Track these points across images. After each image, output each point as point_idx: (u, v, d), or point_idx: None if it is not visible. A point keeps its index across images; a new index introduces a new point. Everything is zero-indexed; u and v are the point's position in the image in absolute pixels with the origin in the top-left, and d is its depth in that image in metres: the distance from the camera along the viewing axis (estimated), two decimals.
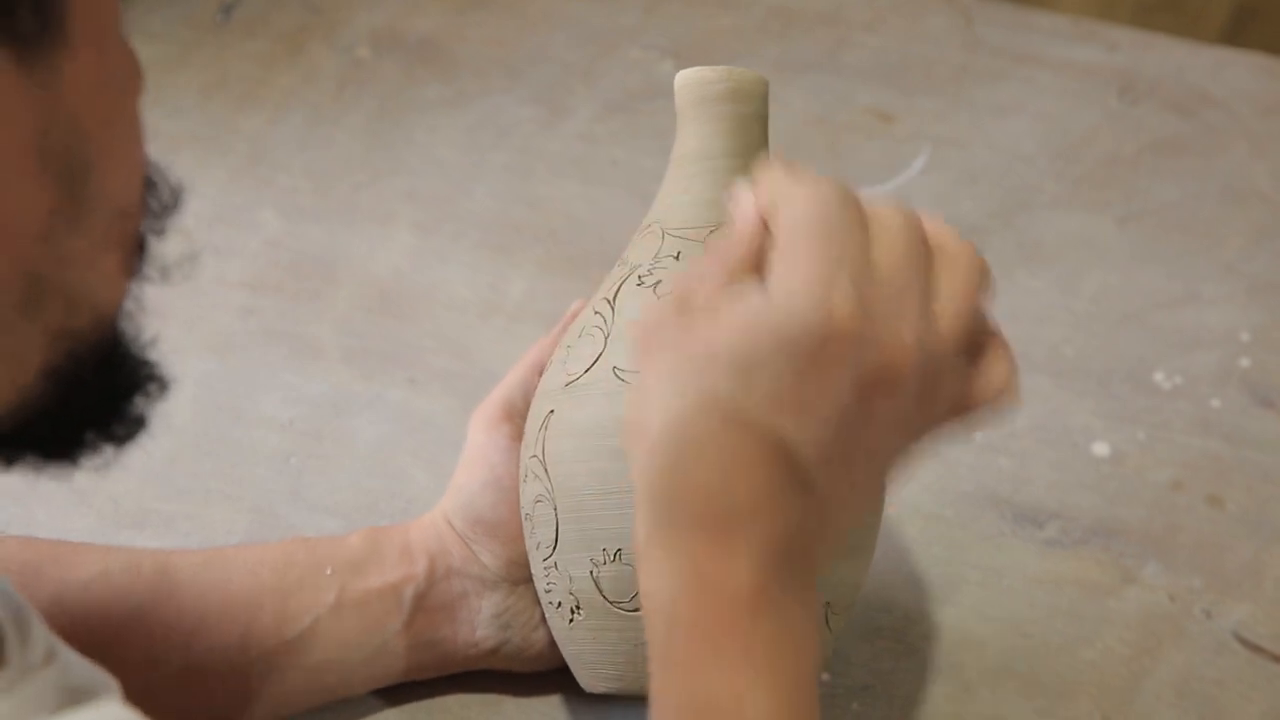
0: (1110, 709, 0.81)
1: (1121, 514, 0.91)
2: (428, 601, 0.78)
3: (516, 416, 0.80)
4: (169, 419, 0.94)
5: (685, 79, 0.75)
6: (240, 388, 0.98)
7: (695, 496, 0.57)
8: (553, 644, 0.79)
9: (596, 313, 0.74)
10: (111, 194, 0.50)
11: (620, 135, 1.16)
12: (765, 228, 0.60)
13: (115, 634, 0.73)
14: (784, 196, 0.60)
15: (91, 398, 0.51)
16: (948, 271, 0.60)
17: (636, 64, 1.22)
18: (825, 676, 0.83)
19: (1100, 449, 0.94)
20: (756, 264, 0.59)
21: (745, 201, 0.60)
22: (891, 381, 0.57)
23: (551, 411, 0.73)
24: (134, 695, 0.59)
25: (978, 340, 0.61)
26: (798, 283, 0.57)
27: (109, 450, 0.53)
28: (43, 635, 0.51)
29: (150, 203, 0.54)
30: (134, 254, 0.53)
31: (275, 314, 1.03)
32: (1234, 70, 1.22)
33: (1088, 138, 1.16)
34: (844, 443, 0.58)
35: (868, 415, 0.58)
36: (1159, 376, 0.99)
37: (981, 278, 0.61)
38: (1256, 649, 0.84)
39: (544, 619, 0.79)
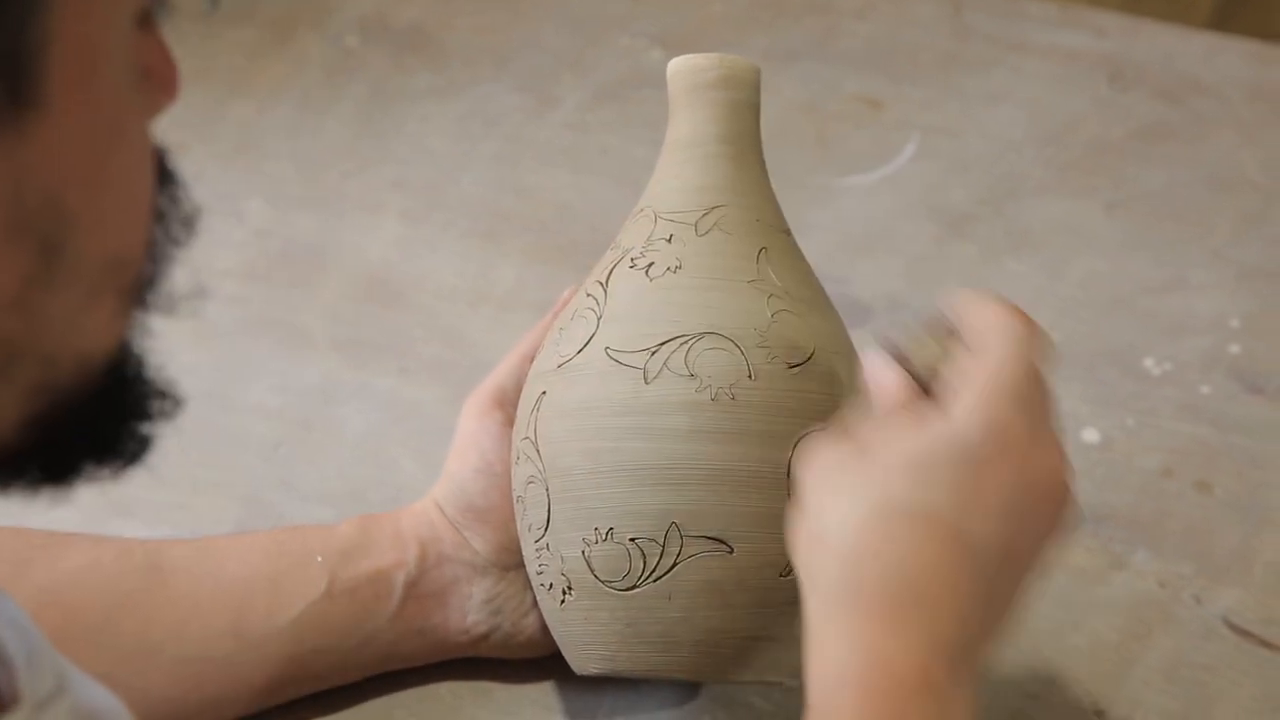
0: (1100, 695, 0.81)
1: (1111, 500, 0.91)
2: (419, 589, 0.78)
3: (508, 404, 0.80)
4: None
5: (678, 66, 0.76)
6: (229, 376, 0.98)
7: (875, 583, 0.59)
8: (543, 630, 0.79)
9: (589, 295, 0.75)
10: (101, 248, 0.47)
11: (610, 123, 1.16)
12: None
13: (106, 622, 0.73)
14: (977, 319, 0.64)
15: (86, 431, 0.49)
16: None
17: (626, 52, 1.22)
18: None
19: (1089, 435, 0.95)
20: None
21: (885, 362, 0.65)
22: (1052, 487, 0.61)
23: (544, 393, 0.74)
24: (126, 683, 0.59)
25: None
26: (979, 399, 0.61)
27: (113, 469, 0.52)
28: (51, 661, 0.51)
29: (163, 231, 0.51)
30: (133, 295, 0.50)
31: (264, 303, 1.03)
32: (1223, 56, 1.22)
33: (1076, 124, 1.17)
34: (1017, 542, 0.61)
35: (1035, 519, 0.61)
36: (1148, 363, 0.99)
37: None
38: (1245, 634, 0.84)
39: (534, 605, 0.79)
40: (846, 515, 0.60)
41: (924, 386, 0.65)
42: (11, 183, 0.43)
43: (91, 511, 0.89)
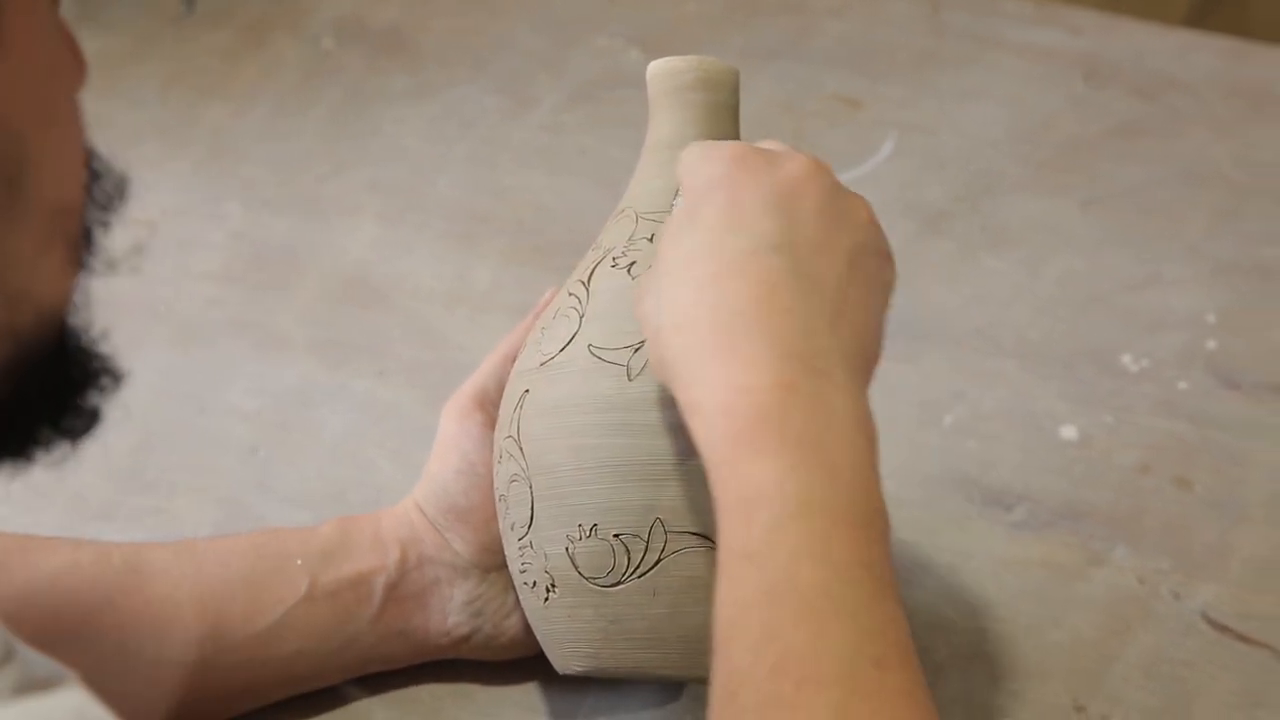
0: (1079, 691, 0.81)
1: (1089, 496, 0.91)
2: (399, 590, 0.78)
3: (489, 405, 0.80)
4: (134, 412, 0.94)
5: (657, 69, 0.77)
6: (206, 379, 0.98)
7: (708, 331, 0.62)
8: (525, 631, 0.79)
9: (571, 294, 0.75)
10: (50, 191, 0.49)
11: (586, 124, 1.16)
12: None
13: (85, 625, 0.73)
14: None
15: (42, 394, 0.50)
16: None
17: (602, 53, 1.22)
18: None
19: (1067, 432, 0.95)
20: None
21: None
22: (804, 178, 0.66)
23: (527, 391, 0.74)
24: (104, 687, 0.59)
25: None
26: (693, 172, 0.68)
27: (65, 445, 0.52)
28: None
29: (95, 195, 0.53)
30: (78, 249, 0.52)
31: (240, 305, 1.03)
32: (1198, 54, 1.22)
33: (1052, 122, 1.17)
34: (807, 233, 0.64)
35: (802, 209, 0.65)
36: (1126, 359, 0.99)
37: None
38: (1224, 629, 0.85)
39: (516, 606, 0.79)
40: (664, 297, 0.64)
41: None
42: None
43: (70, 516, 0.89)
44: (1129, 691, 0.82)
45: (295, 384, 0.97)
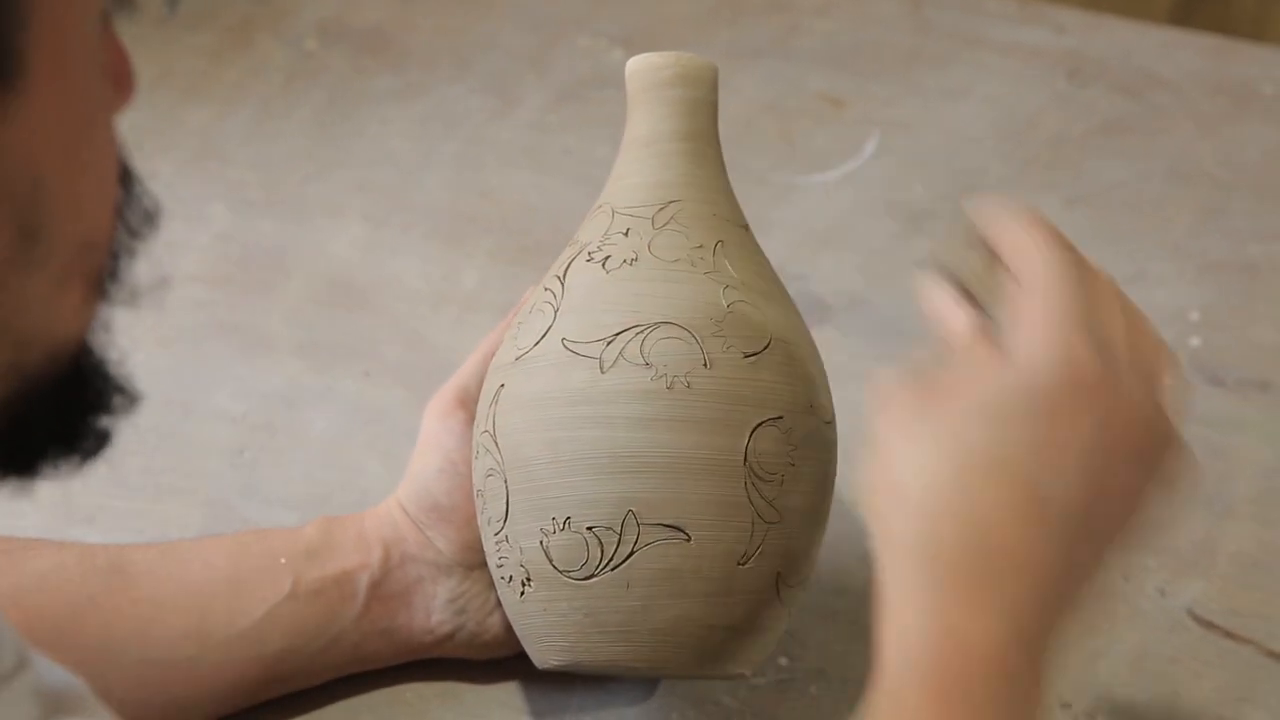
0: (1066, 688, 0.82)
1: None
2: (383, 589, 0.78)
3: (471, 404, 0.80)
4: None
5: (635, 65, 0.77)
6: (192, 382, 0.97)
7: (954, 549, 0.57)
8: (508, 629, 0.79)
9: (547, 289, 0.75)
10: (74, 229, 0.48)
11: (571, 124, 1.16)
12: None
13: (70, 626, 0.73)
14: (1016, 249, 0.62)
15: (52, 415, 0.50)
16: (1145, 341, 0.62)
17: (587, 52, 1.22)
18: (783, 660, 0.83)
19: None
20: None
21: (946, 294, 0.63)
22: (1131, 430, 0.59)
23: (502, 386, 0.74)
24: (91, 686, 0.58)
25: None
26: (1039, 337, 0.59)
27: (73, 463, 0.52)
28: (12, 640, 0.50)
29: (126, 219, 0.52)
30: (99, 283, 0.50)
31: (226, 307, 1.02)
32: (1181, 51, 1.22)
33: (1036, 120, 1.17)
34: (1100, 505, 0.59)
35: (1113, 469, 0.59)
36: None
37: (1169, 361, 0.62)
38: (1210, 626, 0.85)
39: (499, 604, 0.79)
40: (923, 466, 0.58)
41: (983, 313, 0.62)
42: None
43: (54, 519, 0.89)
44: (1116, 688, 0.82)
45: (281, 386, 0.97)
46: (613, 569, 0.71)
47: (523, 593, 0.73)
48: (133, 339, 0.99)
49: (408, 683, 0.81)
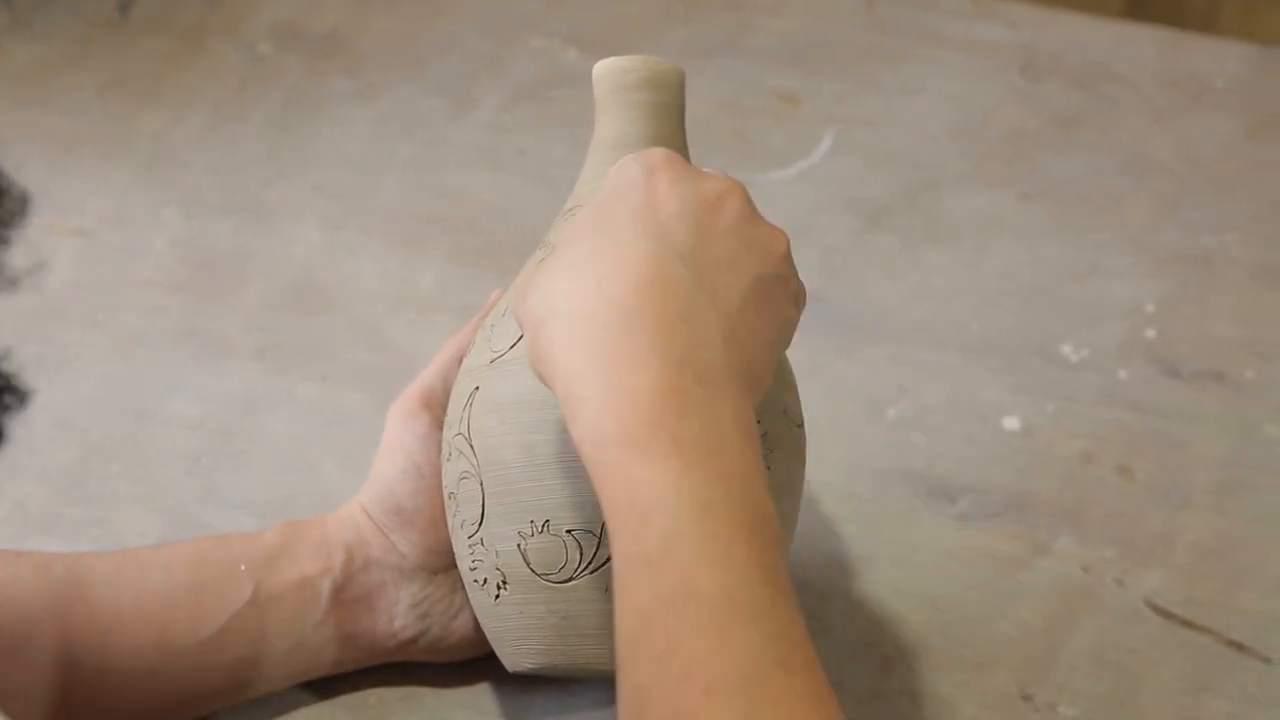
0: (1027, 680, 0.82)
1: (1033, 486, 0.92)
2: (345, 594, 0.78)
3: (435, 406, 0.80)
4: (75, 422, 0.93)
5: (603, 68, 0.77)
6: (148, 388, 0.97)
7: (599, 333, 0.62)
8: (472, 632, 0.79)
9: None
10: None
11: (528, 124, 1.16)
12: None
13: (27, 636, 0.72)
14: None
15: None
16: None
17: (541, 52, 1.22)
18: None
19: (1011, 423, 0.95)
20: None
21: None
22: (722, 201, 0.66)
23: (476, 388, 0.74)
24: (48, 697, 0.58)
25: None
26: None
27: None
28: None
29: None
30: None
31: (183, 313, 1.02)
32: (1134, 44, 1.23)
33: (991, 115, 1.17)
34: (700, 247, 0.64)
35: (715, 224, 0.65)
36: (1066, 349, 1.00)
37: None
38: (1168, 615, 0.85)
39: (463, 607, 0.79)
40: (550, 291, 0.64)
41: None
42: None
43: (10, 528, 0.88)
44: (1076, 679, 0.82)
45: (239, 391, 0.97)
46: (592, 572, 0.71)
47: (497, 596, 0.73)
48: (88, 345, 0.99)
49: (371, 687, 0.81)
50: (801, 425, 0.76)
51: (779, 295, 0.66)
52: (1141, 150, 1.14)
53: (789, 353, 0.78)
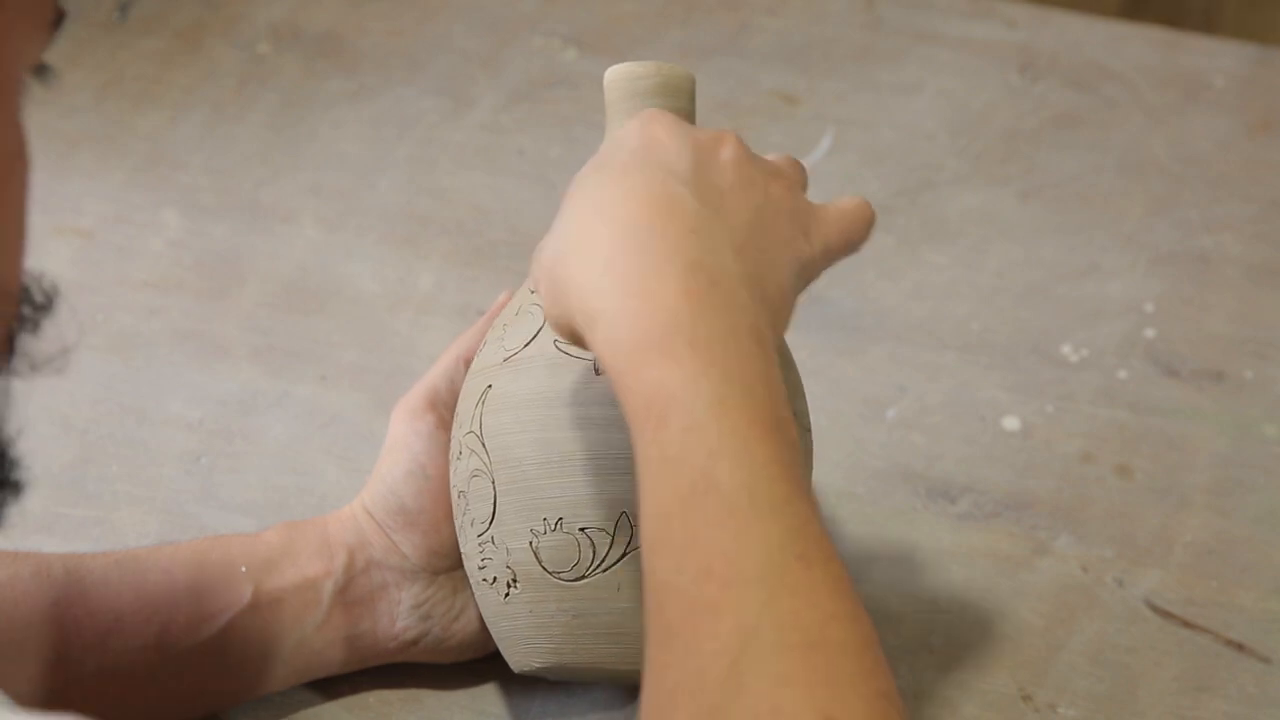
0: (1026, 680, 0.82)
1: (1032, 486, 0.92)
2: (347, 595, 0.78)
3: (440, 406, 0.79)
4: (74, 423, 0.93)
5: (615, 74, 0.77)
6: (146, 389, 0.97)
7: (608, 237, 0.62)
8: (473, 634, 0.79)
9: (534, 291, 0.75)
10: None
11: (525, 124, 1.16)
12: None
13: (26, 637, 0.72)
14: None
15: None
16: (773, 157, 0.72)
17: (539, 52, 1.22)
18: None
19: (1010, 423, 0.95)
20: None
21: None
22: (717, 144, 0.66)
23: (489, 387, 0.74)
24: (47, 698, 0.58)
25: None
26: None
27: None
28: None
29: (29, 294, 0.52)
30: (11, 339, 0.51)
31: (180, 313, 1.02)
32: (1131, 44, 1.23)
33: (988, 114, 1.17)
34: (701, 177, 0.65)
35: (713, 160, 0.66)
36: (1066, 349, 1.00)
37: (794, 162, 0.72)
38: (1168, 615, 0.85)
39: (464, 609, 0.79)
40: (565, 231, 0.65)
41: None
42: None
43: (8, 530, 0.88)
44: (1075, 679, 0.82)
45: (237, 392, 0.97)
46: (604, 570, 0.71)
47: (507, 594, 0.73)
48: (86, 347, 0.99)
49: (371, 688, 0.80)
50: (808, 429, 0.76)
51: (784, 226, 0.66)
52: (1140, 150, 1.14)
53: (794, 353, 0.78)
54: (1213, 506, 0.91)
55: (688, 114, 0.78)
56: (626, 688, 0.81)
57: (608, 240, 0.62)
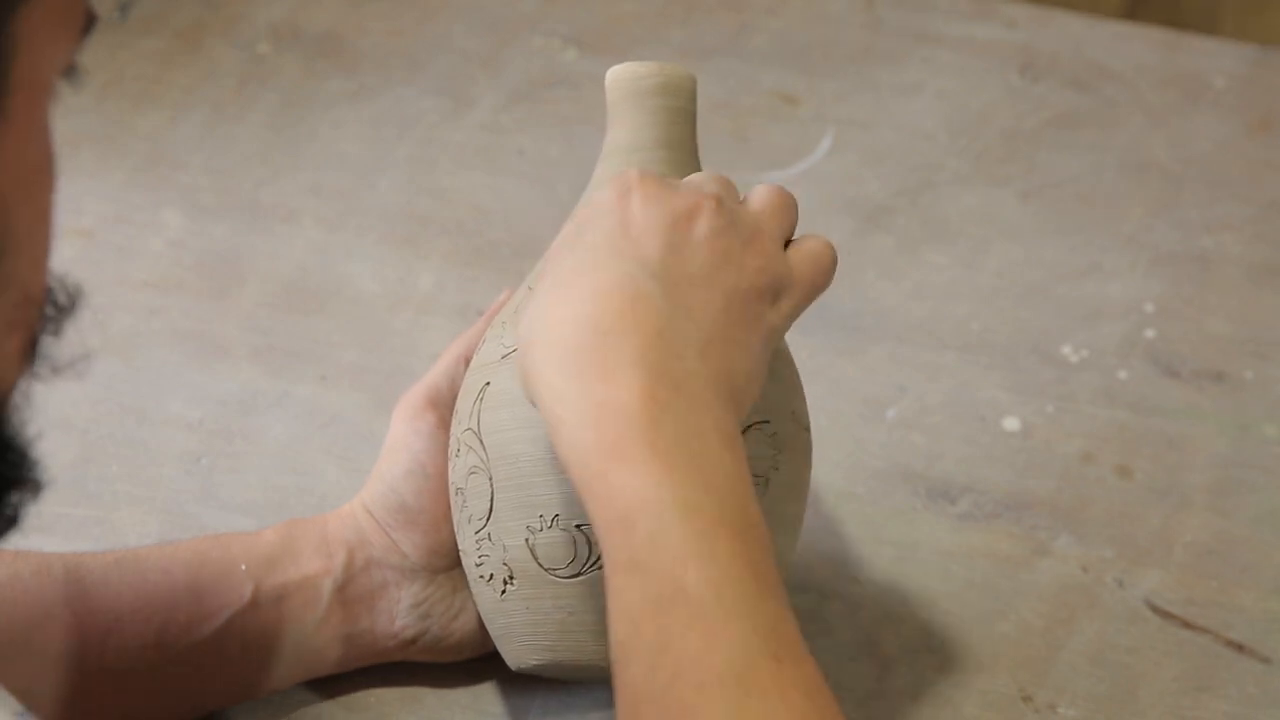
0: (1027, 680, 0.82)
1: (1033, 486, 0.92)
2: (346, 594, 0.78)
3: (441, 405, 0.79)
4: (74, 423, 0.93)
5: (617, 74, 0.77)
6: (146, 389, 0.97)
7: (574, 347, 0.62)
8: (473, 633, 0.79)
9: (532, 290, 0.75)
10: (25, 276, 0.49)
11: (525, 124, 1.16)
12: None
13: (27, 636, 0.72)
14: None
15: None
16: (754, 196, 0.71)
17: (539, 52, 1.22)
18: None
19: (1010, 423, 0.95)
20: None
21: None
22: (693, 216, 0.66)
23: (488, 384, 0.74)
24: (47, 696, 0.58)
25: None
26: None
27: None
28: None
29: (52, 298, 0.52)
30: (34, 343, 0.51)
31: (180, 313, 1.02)
32: (1131, 44, 1.23)
33: (989, 114, 1.17)
34: (673, 264, 0.65)
35: (687, 241, 0.65)
36: (1066, 349, 1.00)
37: (783, 198, 0.71)
38: (1168, 615, 0.85)
39: (463, 608, 0.79)
40: (541, 311, 0.65)
41: None
42: None
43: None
44: (1075, 680, 0.82)
45: (237, 392, 0.97)
46: (600, 568, 0.71)
47: (503, 591, 0.73)
48: (86, 347, 0.99)
49: (371, 687, 0.80)
50: (808, 429, 0.76)
51: (755, 304, 0.66)
52: (1140, 150, 1.14)
53: (794, 353, 0.78)
54: (1213, 506, 0.91)
55: (689, 112, 0.78)
56: None
57: (572, 338, 0.63)
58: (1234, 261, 1.06)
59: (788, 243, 0.70)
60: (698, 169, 0.78)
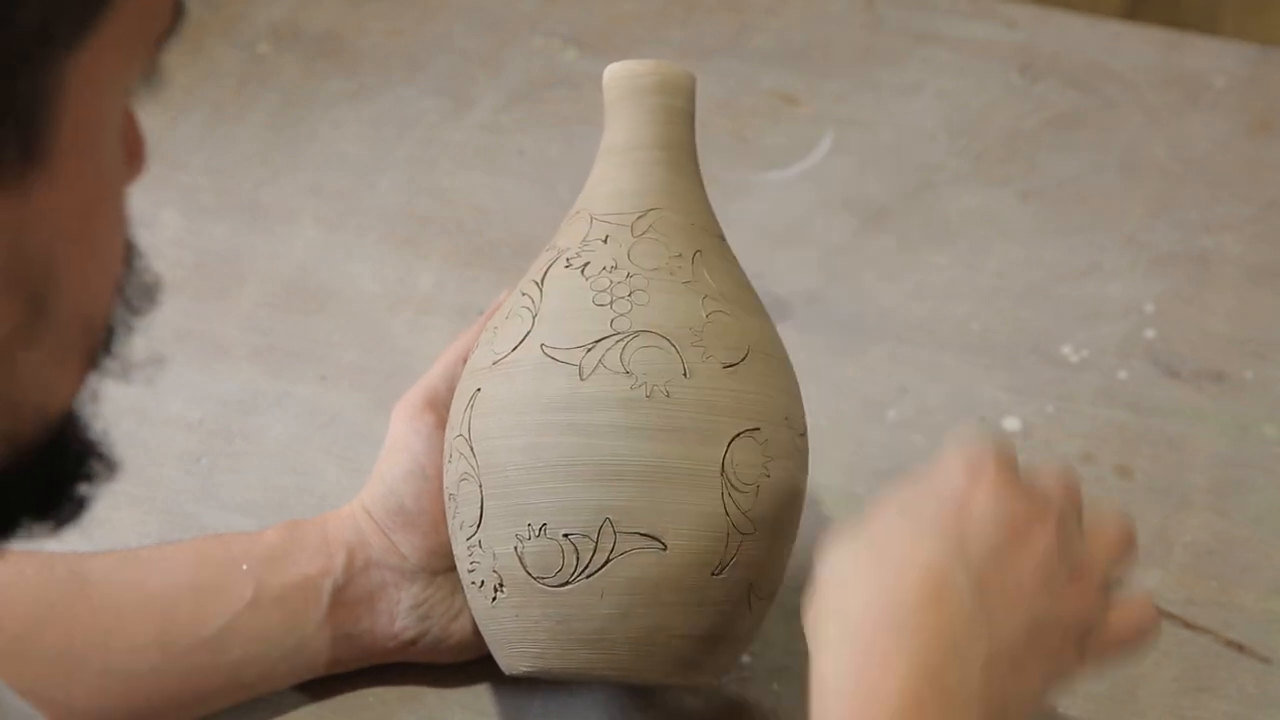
0: None
1: None
2: (346, 594, 0.78)
3: (440, 406, 0.79)
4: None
5: (615, 72, 0.77)
6: (147, 389, 0.97)
7: (868, 625, 0.62)
8: (473, 634, 0.79)
9: (524, 294, 0.75)
10: (79, 305, 0.48)
11: (525, 124, 1.16)
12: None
13: (29, 634, 0.72)
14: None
15: (31, 488, 0.49)
16: (1099, 527, 0.69)
17: (539, 52, 1.22)
18: (746, 658, 0.83)
19: (1010, 423, 0.95)
20: None
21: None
22: (1031, 530, 0.64)
23: (478, 390, 0.74)
24: (49, 696, 0.58)
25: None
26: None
27: (48, 529, 0.51)
28: None
29: (126, 294, 0.52)
30: (94, 358, 0.50)
31: (180, 313, 1.02)
32: (1131, 44, 1.23)
33: (989, 114, 1.17)
34: (992, 571, 0.63)
35: (1016, 552, 0.64)
36: (1066, 350, 1.00)
37: (1127, 542, 0.70)
38: (1168, 616, 0.85)
39: (463, 609, 0.79)
40: (847, 567, 0.64)
41: None
42: (12, 235, 0.43)
43: None
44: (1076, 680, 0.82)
45: (237, 392, 0.97)
46: (588, 576, 0.71)
47: (494, 598, 0.73)
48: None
49: (370, 686, 0.81)
50: (803, 434, 0.76)
51: (1056, 639, 0.64)
52: (1140, 150, 1.14)
53: (792, 357, 0.78)
54: (1213, 507, 0.91)
55: (687, 111, 0.78)
56: (626, 688, 0.81)
57: (868, 608, 0.62)
58: (1234, 261, 1.06)
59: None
60: (695, 169, 0.78)
